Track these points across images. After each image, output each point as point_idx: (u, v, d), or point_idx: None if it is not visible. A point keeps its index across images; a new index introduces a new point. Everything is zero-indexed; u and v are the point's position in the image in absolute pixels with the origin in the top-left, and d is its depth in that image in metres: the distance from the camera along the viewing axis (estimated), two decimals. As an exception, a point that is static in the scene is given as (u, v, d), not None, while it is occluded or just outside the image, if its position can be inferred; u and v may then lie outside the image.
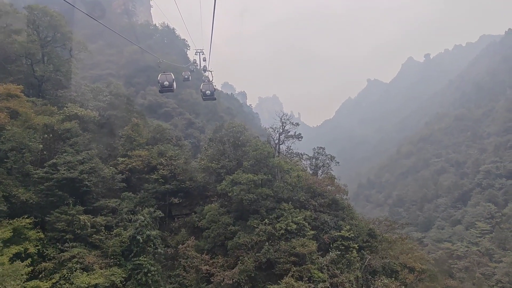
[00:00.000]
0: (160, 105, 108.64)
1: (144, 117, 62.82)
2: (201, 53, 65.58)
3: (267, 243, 37.18)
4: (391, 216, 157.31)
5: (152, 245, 36.53)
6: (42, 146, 37.30)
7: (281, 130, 52.55)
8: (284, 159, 48.54)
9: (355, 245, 38.95)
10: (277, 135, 53.01)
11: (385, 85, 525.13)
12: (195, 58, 73.06)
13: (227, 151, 47.98)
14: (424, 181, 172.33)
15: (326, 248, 39.01)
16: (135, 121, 50.51)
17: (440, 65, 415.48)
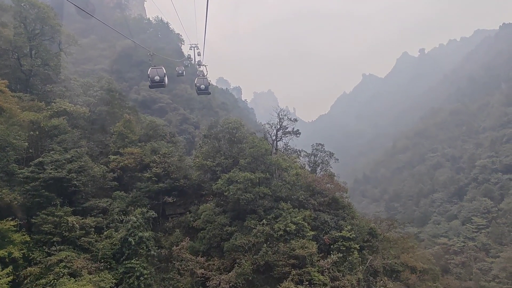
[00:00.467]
0: (154, 101, 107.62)
1: (137, 113, 60.96)
2: (196, 48, 64.04)
3: (265, 245, 35.70)
4: (387, 211, 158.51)
5: (145, 247, 34.97)
6: (28, 144, 35.56)
7: (279, 126, 51.02)
8: (282, 156, 46.95)
9: (357, 246, 37.55)
10: (275, 131, 51.47)
11: (381, 80, 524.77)
12: (190, 53, 71.97)
13: (223, 148, 46.43)
14: (420, 176, 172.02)
15: (327, 249, 37.63)
16: (127, 117, 48.67)
17: (435, 60, 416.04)
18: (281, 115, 51.25)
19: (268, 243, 36.09)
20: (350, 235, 37.68)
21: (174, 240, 39.30)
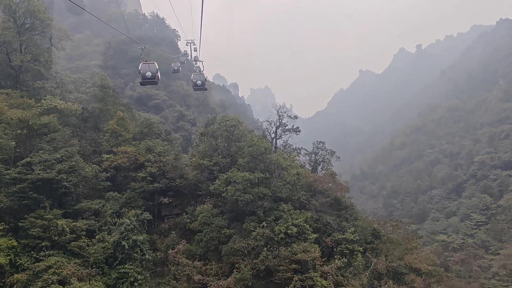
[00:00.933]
0: (150, 97, 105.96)
1: (131, 110, 59.31)
2: (192, 44, 62.55)
3: (265, 249, 34.37)
4: (385, 208, 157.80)
5: (139, 251, 33.66)
6: (15, 143, 34.72)
7: (278, 124, 49.35)
8: (282, 155, 45.32)
9: (360, 249, 36.12)
10: (274, 129, 49.78)
11: (377, 76, 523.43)
12: (186, 50, 70.65)
13: (220, 147, 44.92)
14: (418, 172, 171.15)
15: (330, 252, 36.18)
16: (121, 115, 46.95)
17: (432, 56, 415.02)
18: (281, 112, 49.61)
19: (269, 247, 34.79)
20: (354, 238, 36.26)
21: (170, 243, 37.99)
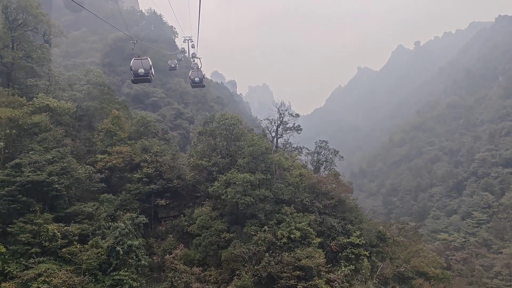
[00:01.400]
0: (147, 95, 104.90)
1: (127, 108, 57.59)
2: (190, 41, 61.04)
3: (267, 254, 32.92)
4: (385, 206, 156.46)
5: (135, 257, 32.17)
6: (4, 144, 33.48)
7: (279, 122, 47.66)
8: (283, 155, 43.67)
9: (366, 253, 34.55)
10: (275, 128, 48.11)
11: (376, 73, 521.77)
12: (184, 47, 69.36)
13: (219, 146, 43.37)
14: (418, 170, 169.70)
15: (334, 257, 34.61)
16: (115, 113, 45.25)
17: (431, 53, 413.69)
18: (282, 110, 47.95)
19: (271, 252, 33.36)
20: (360, 242, 34.75)
21: (167, 247, 36.57)
